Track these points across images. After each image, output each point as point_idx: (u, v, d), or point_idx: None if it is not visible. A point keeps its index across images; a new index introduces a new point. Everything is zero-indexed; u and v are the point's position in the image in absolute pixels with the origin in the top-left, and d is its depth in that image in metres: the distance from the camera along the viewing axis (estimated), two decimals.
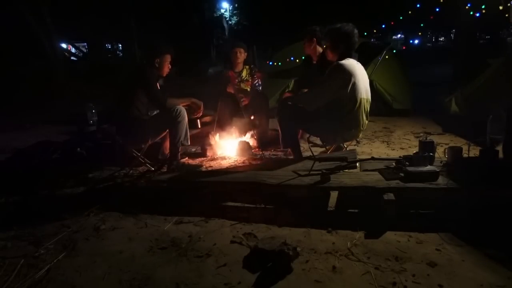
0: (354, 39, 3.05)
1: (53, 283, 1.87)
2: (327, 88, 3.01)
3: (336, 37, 3.08)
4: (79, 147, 3.97)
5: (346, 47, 3.06)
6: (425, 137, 2.78)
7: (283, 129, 3.31)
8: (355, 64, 3.05)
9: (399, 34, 35.16)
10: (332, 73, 2.98)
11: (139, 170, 3.60)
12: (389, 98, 5.98)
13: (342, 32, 3.04)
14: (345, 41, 3.05)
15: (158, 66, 3.45)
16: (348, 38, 3.04)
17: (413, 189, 2.36)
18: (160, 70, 3.49)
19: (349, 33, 3.03)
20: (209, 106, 4.97)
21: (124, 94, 3.47)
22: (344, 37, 3.04)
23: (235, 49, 4.47)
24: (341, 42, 3.06)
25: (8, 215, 2.73)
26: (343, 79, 2.93)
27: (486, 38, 21.56)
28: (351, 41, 3.05)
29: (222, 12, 25.84)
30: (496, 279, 1.73)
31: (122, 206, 2.75)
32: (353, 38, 3.04)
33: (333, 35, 3.10)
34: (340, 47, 3.08)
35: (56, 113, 7.46)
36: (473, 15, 7.17)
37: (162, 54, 3.44)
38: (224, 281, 1.81)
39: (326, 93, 3.01)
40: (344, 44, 3.05)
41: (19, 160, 3.96)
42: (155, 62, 3.42)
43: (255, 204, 2.70)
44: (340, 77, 2.94)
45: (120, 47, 20.39)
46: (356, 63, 3.05)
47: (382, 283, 1.73)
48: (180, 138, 3.38)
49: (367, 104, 3.07)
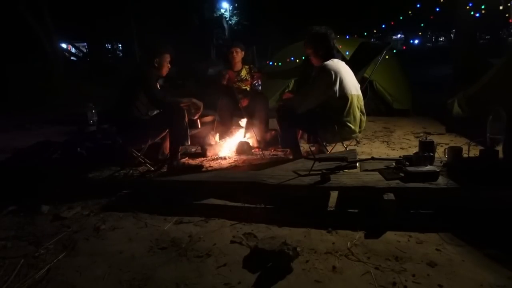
0: (329, 39, 3.15)
1: (53, 283, 1.87)
2: (315, 89, 3.10)
3: (313, 42, 3.19)
4: (79, 147, 3.97)
5: (326, 48, 3.16)
6: (425, 137, 2.78)
7: (283, 130, 3.32)
8: (339, 62, 3.13)
9: (399, 34, 35.15)
10: (319, 74, 3.09)
11: (139, 170, 3.60)
12: (389, 98, 5.98)
13: (317, 35, 3.15)
14: (323, 43, 3.15)
15: (158, 66, 3.46)
16: (324, 39, 3.14)
17: (413, 189, 2.36)
18: (160, 70, 3.50)
19: (323, 34, 3.14)
20: (209, 106, 4.98)
21: (124, 95, 3.48)
22: (321, 39, 3.15)
23: (232, 49, 4.51)
24: (319, 44, 3.17)
25: (8, 215, 2.73)
26: (330, 78, 3.00)
27: (486, 38, 21.56)
28: (328, 41, 3.15)
29: (222, 12, 25.84)
30: (496, 279, 1.72)
31: (122, 206, 2.75)
32: (328, 39, 3.14)
33: (311, 41, 3.20)
34: (320, 50, 3.18)
35: (56, 113, 7.46)
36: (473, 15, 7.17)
37: (162, 53, 3.45)
38: (224, 281, 1.81)
39: (315, 94, 3.10)
40: (322, 46, 3.16)
41: (19, 160, 3.96)
42: (154, 62, 3.43)
43: (255, 204, 2.70)
44: (327, 76, 3.02)
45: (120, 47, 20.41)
46: (340, 61, 3.14)
47: (382, 283, 1.73)
48: (180, 138, 3.38)
49: (359, 100, 3.14)
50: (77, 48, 18.09)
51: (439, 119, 5.43)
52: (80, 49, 18.31)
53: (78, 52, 17.64)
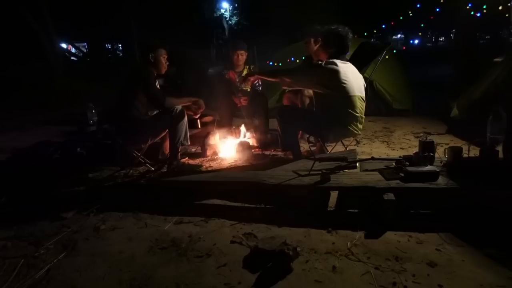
0: (347, 42, 3.11)
1: (53, 283, 1.87)
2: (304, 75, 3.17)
3: (329, 37, 3.14)
4: (79, 147, 3.96)
5: (338, 48, 3.12)
6: (425, 137, 2.77)
7: (283, 131, 3.31)
8: (346, 63, 3.10)
9: (399, 34, 35.12)
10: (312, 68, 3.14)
11: (139, 170, 3.60)
12: (389, 98, 5.98)
13: (336, 33, 3.10)
14: (338, 43, 3.11)
15: (154, 62, 3.43)
16: (341, 40, 3.10)
17: (413, 189, 2.36)
18: (157, 67, 3.47)
19: (343, 35, 3.09)
20: (209, 106, 4.98)
21: (123, 95, 3.47)
22: (338, 38, 3.10)
23: (236, 52, 4.47)
24: (333, 43, 3.12)
25: (8, 215, 2.73)
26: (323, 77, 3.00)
27: (486, 38, 21.55)
28: (343, 43, 3.11)
29: (222, 12, 25.83)
30: (496, 279, 1.73)
31: (122, 206, 2.75)
32: (345, 41, 3.10)
33: (327, 35, 3.16)
34: (332, 48, 3.14)
35: (56, 113, 7.46)
36: (473, 15, 7.17)
37: (156, 49, 3.42)
38: (224, 281, 1.81)
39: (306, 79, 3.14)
40: (336, 46, 3.11)
41: (19, 160, 3.96)
42: (150, 57, 3.40)
43: (255, 204, 2.70)
44: (319, 74, 3.01)
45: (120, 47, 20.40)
46: (342, 62, 3.08)
47: (382, 283, 1.73)
48: (180, 138, 3.38)
49: (361, 101, 3.10)
50: (77, 48, 18.06)
51: (439, 119, 5.43)
52: (80, 49, 18.27)
53: (78, 52, 17.61)
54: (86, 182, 3.37)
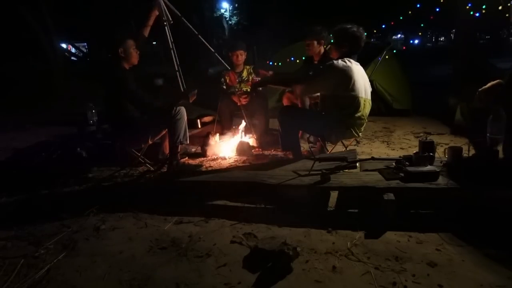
0: (360, 43, 3.06)
1: (53, 283, 1.87)
2: (321, 77, 3.11)
3: (343, 36, 3.09)
4: (79, 147, 3.97)
5: (350, 48, 3.08)
6: (425, 137, 2.78)
7: (284, 131, 3.30)
8: (355, 63, 3.06)
9: (399, 34, 35.10)
10: (325, 70, 3.08)
11: (139, 170, 3.60)
12: (389, 98, 5.98)
13: (350, 33, 3.05)
14: (351, 43, 3.07)
15: (125, 55, 3.33)
16: (354, 40, 3.06)
17: (413, 189, 2.36)
18: (129, 60, 3.37)
19: (357, 36, 3.05)
20: (209, 106, 4.98)
21: (110, 100, 3.39)
22: (351, 38, 3.06)
23: (236, 52, 4.46)
24: (346, 42, 3.08)
25: (8, 215, 2.73)
26: (335, 77, 2.98)
27: (486, 38, 21.57)
28: (356, 44, 3.07)
29: (222, 12, 25.81)
30: (496, 279, 1.72)
31: (122, 206, 2.75)
32: (359, 42, 3.06)
33: (341, 34, 3.11)
34: (344, 47, 3.10)
35: (56, 113, 7.45)
36: (473, 15, 7.16)
37: (123, 41, 3.33)
38: (224, 281, 1.81)
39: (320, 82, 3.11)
40: (349, 45, 3.07)
41: (19, 160, 3.96)
42: (120, 52, 3.31)
43: (255, 204, 2.70)
44: (333, 75, 2.99)
45: None
46: (354, 63, 3.06)
47: (382, 283, 1.73)
48: (180, 137, 3.36)
49: (366, 103, 3.08)
50: (77, 48, 18.04)
51: (439, 119, 5.42)
52: (80, 49, 18.26)
53: (78, 52, 17.59)
54: (86, 182, 3.37)
